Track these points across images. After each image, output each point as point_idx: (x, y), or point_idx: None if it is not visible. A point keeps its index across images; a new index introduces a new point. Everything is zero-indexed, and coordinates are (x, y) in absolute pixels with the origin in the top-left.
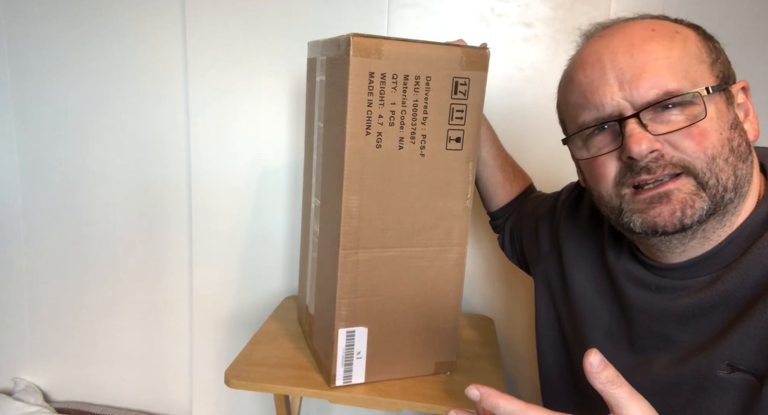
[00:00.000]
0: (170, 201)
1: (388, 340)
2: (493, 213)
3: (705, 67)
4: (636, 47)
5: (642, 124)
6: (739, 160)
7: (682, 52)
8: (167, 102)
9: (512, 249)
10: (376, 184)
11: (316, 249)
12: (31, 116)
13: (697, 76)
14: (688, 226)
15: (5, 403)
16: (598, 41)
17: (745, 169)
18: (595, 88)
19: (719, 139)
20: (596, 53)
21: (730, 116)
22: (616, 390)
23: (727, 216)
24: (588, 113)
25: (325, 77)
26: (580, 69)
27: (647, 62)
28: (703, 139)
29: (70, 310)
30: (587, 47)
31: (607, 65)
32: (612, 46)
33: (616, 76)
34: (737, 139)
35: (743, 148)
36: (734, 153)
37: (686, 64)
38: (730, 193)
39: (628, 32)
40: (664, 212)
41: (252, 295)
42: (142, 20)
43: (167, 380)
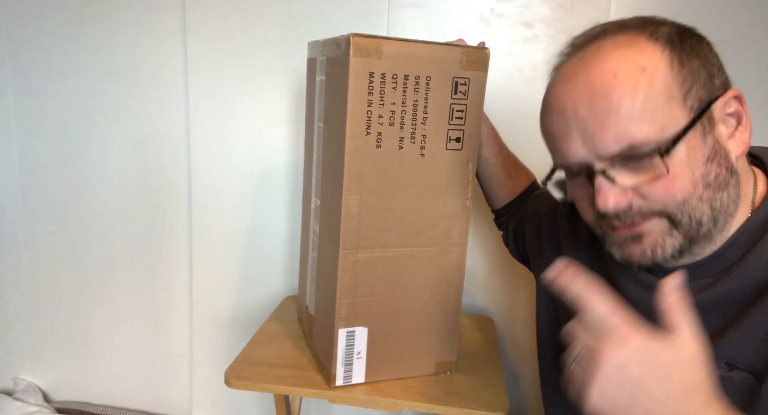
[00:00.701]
0: (170, 201)
1: (388, 340)
2: (496, 211)
3: (675, 105)
4: (597, 98)
5: (608, 177)
6: (716, 191)
7: (647, 95)
8: (167, 102)
9: (516, 247)
10: (376, 184)
11: (316, 249)
12: (31, 116)
13: (665, 118)
14: (660, 262)
15: (5, 403)
16: (563, 87)
17: (726, 195)
18: (560, 139)
19: (691, 180)
20: (558, 101)
21: (706, 149)
22: (682, 313)
23: (716, 235)
24: (558, 159)
25: (325, 77)
26: (546, 115)
27: (609, 114)
28: (671, 187)
29: (70, 310)
30: (553, 90)
31: (570, 117)
32: (573, 96)
33: (579, 129)
34: (714, 170)
35: (722, 177)
36: (710, 187)
37: (652, 108)
38: (707, 225)
39: (588, 78)
40: (636, 252)
41: (252, 295)
42: (142, 20)
43: (167, 380)
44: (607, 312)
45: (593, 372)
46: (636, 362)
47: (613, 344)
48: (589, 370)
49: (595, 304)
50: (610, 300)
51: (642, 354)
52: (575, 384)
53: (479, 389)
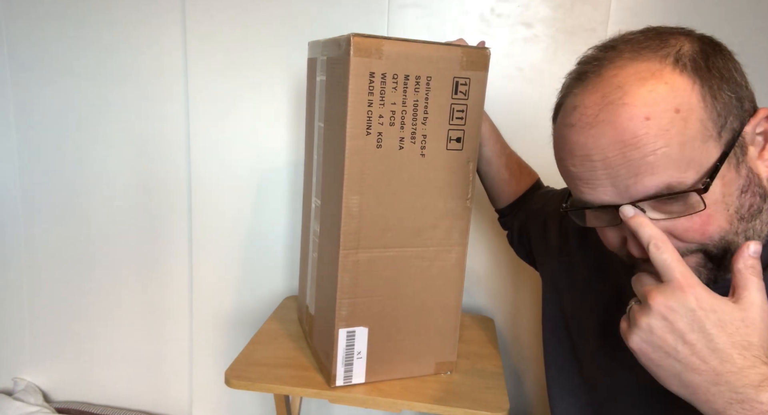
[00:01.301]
0: (170, 201)
1: (388, 340)
2: (500, 210)
3: (711, 142)
4: (629, 147)
5: (640, 209)
6: (750, 221)
7: (682, 137)
8: (167, 102)
9: (521, 246)
10: (376, 184)
11: (316, 249)
12: (31, 116)
13: (701, 157)
14: None
15: (5, 403)
16: (588, 132)
17: (759, 221)
18: (586, 182)
19: (726, 217)
20: (584, 147)
21: (740, 180)
22: (752, 278)
23: None
24: (582, 199)
25: (326, 77)
26: (569, 158)
27: (642, 160)
28: (707, 227)
29: (70, 310)
30: (574, 134)
31: (597, 164)
32: (602, 143)
33: (610, 176)
34: (748, 201)
35: (756, 205)
36: (744, 219)
37: (689, 150)
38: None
39: (618, 124)
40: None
41: (252, 295)
42: (142, 20)
43: (167, 380)
44: (673, 261)
45: (641, 314)
46: (684, 314)
47: (667, 291)
48: (641, 311)
49: (664, 251)
50: (677, 253)
51: (692, 308)
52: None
53: (479, 389)
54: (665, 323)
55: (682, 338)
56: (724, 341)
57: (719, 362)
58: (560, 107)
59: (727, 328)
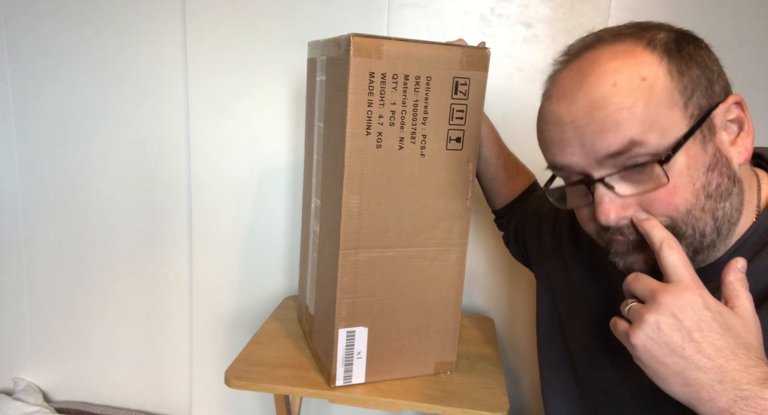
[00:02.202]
0: (170, 201)
1: (388, 340)
2: (497, 211)
3: (676, 111)
4: (597, 109)
5: (608, 186)
6: (718, 201)
7: (648, 101)
8: (167, 102)
9: (517, 247)
10: (376, 184)
11: (316, 249)
12: (31, 116)
13: (666, 123)
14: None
15: (5, 403)
16: (561, 102)
17: (729, 204)
18: (559, 147)
19: (692, 190)
20: (556, 115)
21: (706, 157)
22: (743, 291)
23: (720, 243)
24: (558, 170)
25: (326, 77)
26: (543, 127)
27: (608, 118)
28: (672, 198)
29: (70, 310)
30: (550, 105)
31: (567, 128)
32: (572, 110)
33: (577, 135)
34: (715, 180)
35: (723, 186)
36: (711, 197)
37: (653, 114)
38: (710, 236)
39: (587, 90)
40: (639, 260)
41: (252, 295)
42: (142, 20)
43: (167, 380)
44: (684, 262)
45: (649, 311)
46: (692, 313)
47: (676, 290)
48: (647, 309)
49: (676, 251)
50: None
51: (700, 308)
52: (631, 320)
53: (479, 389)
54: (673, 321)
55: (690, 335)
56: (730, 341)
57: (725, 360)
58: (543, 92)
59: (732, 329)
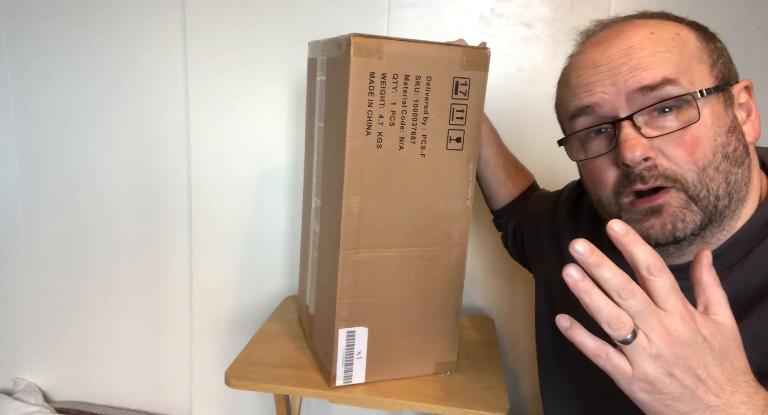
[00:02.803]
0: (170, 201)
1: (388, 340)
2: (496, 212)
3: (705, 68)
4: (634, 49)
5: (636, 126)
6: (733, 165)
7: (681, 51)
8: (167, 102)
9: (515, 247)
10: (376, 184)
11: (316, 249)
12: (31, 116)
13: (695, 75)
14: (680, 238)
15: (5, 403)
16: (596, 48)
17: (740, 173)
18: (590, 92)
19: (712, 146)
20: (593, 59)
21: (727, 119)
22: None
23: (726, 221)
24: (583, 117)
25: (326, 77)
26: (575, 72)
27: (645, 56)
28: (695, 149)
29: (70, 310)
30: (584, 53)
31: (602, 68)
32: (610, 52)
33: (611, 78)
34: (733, 143)
35: (739, 152)
36: (728, 159)
37: (686, 63)
38: (723, 200)
39: (626, 36)
40: (656, 225)
41: (252, 295)
42: (142, 20)
43: (167, 380)
44: (672, 286)
45: (656, 356)
46: (694, 348)
47: (673, 323)
48: (653, 353)
49: (664, 274)
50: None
51: (698, 341)
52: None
53: (479, 389)
54: (681, 362)
55: (696, 374)
56: (729, 371)
57: (731, 392)
58: (573, 51)
59: (728, 354)
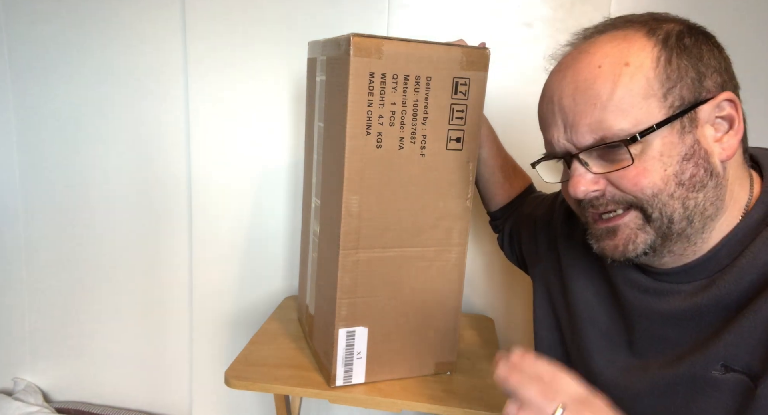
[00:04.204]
0: (170, 201)
1: (388, 340)
2: (492, 213)
3: (653, 101)
4: (579, 91)
5: (583, 163)
6: (690, 191)
7: (625, 90)
8: (167, 102)
9: (511, 249)
10: (376, 184)
11: (316, 249)
12: (31, 116)
13: (640, 113)
14: (632, 257)
15: (5, 403)
16: (555, 77)
17: (702, 196)
18: (547, 126)
19: (662, 176)
20: (550, 90)
21: (683, 147)
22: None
23: (695, 236)
24: (547, 145)
25: (326, 77)
26: (540, 102)
27: (586, 108)
28: (640, 180)
29: (70, 310)
30: (549, 79)
31: (555, 107)
32: (561, 87)
33: (562, 118)
34: (690, 170)
35: (698, 177)
36: (683, 186)
37: (627, 104)
38: (679, 223)
39: (576, 69)
40: (609, 246)
41: (252, 295)
42: (142, 20)
43: (167, 380)
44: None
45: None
46: None
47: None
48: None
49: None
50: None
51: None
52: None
53: (479, 389)
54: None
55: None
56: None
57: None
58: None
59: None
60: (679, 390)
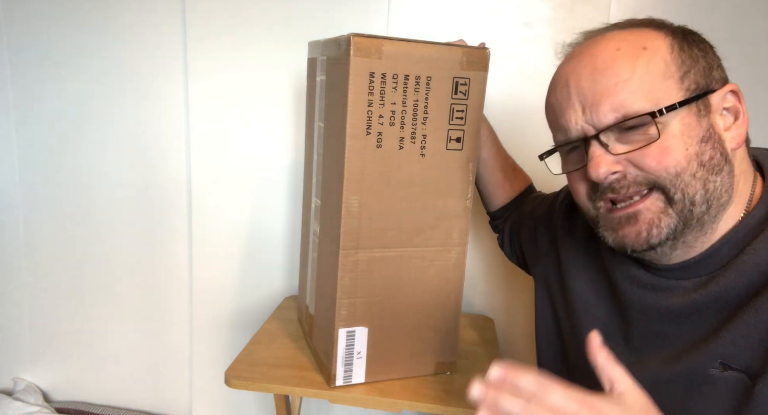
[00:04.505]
0: (170, 201)
1: (388, 340)
2: (492, 213)
3: (671, 83)
4: (598, 71)
5: (603, 144)
6: (710, 173)
7: (645, 70)
8: (167, 102)
9: (512, 249)
10: (376, 184)
11: (316, 249)
12: (31, 116)
13: (660, 93)
14: (655, 244)
15: (5, 403)
16: (569, 63)
17: (719, 180)
18: (562, 111)
19: (684, 155)
20: (564, 76)
21: (700, 129)
22: (614, 367)
23: (707, 225)
24: (559, 133)
25: (326, 77)
26: (552, 91)
27: (607, 86)
28: (663, 158)
29: (70, 310)
30: (560, 68)
31: (572, 90)
32: (578, 70)
33: (580, 100)
34: (708, 152)
35: (716, 160)
36: (704, 167)
37: (648, 83)
38: (700, 206)
39: (593, 53)
40: (631, 233)
41: (252, 295)
42: (142, 20)
43: (167, 380)
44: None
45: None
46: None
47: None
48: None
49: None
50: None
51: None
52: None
53: None
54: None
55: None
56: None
57: None
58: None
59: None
60: (676, 387)
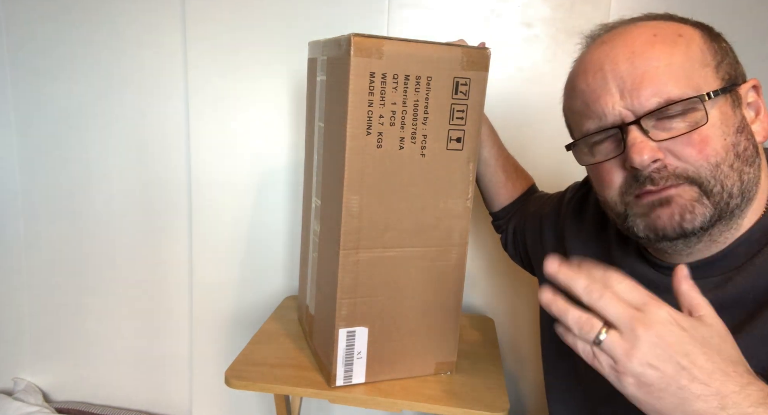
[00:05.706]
0: (170, 201)
1: (388, 340)
2: (495, 213)
3: (709, 71)
4: (637, 55)
5: (643, 130)
6: (745, 164)
7: (685, 57)
8: (167, 102)
9: (515, 249)
10: (376, 184)
11: (316, 249)
12: (31, 116)
13: (700, 80)
14: (688, 231)
15: (5, 403)
16: (600, 48)
17: (752, 172)
18: (596, 97)
19: (723, 145)
20: (598, 61)
21: (736, 120)
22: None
23: (735, 219)
24: (591, 121)
25: (326, 77)
26: (582, 77)
27: (648, 70)
28: (705, 147)
29: (70, 310)
30: (589, 54)
31: (608, 74)
32: (613, 54)
33: (617, 85)
34: (743, 143)
35: (750, 151)
36: (740, 158)
37: (688, 70)
38: (736, 198)
39: (629, 38)
40: (664, 216)
41: (252, 295)
42: (142, 20)
43: (167, 380)
44: (634, 285)
45: (633, 346)
46: (673, 337)
47: (648, 316)
48: (629, 343)
49: (620, 279)
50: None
51: (677, 330)
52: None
53: (479, 389)
54: (660, 351)
55: (679, 363)
56: (716, 359)
57: (720, 383)
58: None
59: (711, 345)
60: None
